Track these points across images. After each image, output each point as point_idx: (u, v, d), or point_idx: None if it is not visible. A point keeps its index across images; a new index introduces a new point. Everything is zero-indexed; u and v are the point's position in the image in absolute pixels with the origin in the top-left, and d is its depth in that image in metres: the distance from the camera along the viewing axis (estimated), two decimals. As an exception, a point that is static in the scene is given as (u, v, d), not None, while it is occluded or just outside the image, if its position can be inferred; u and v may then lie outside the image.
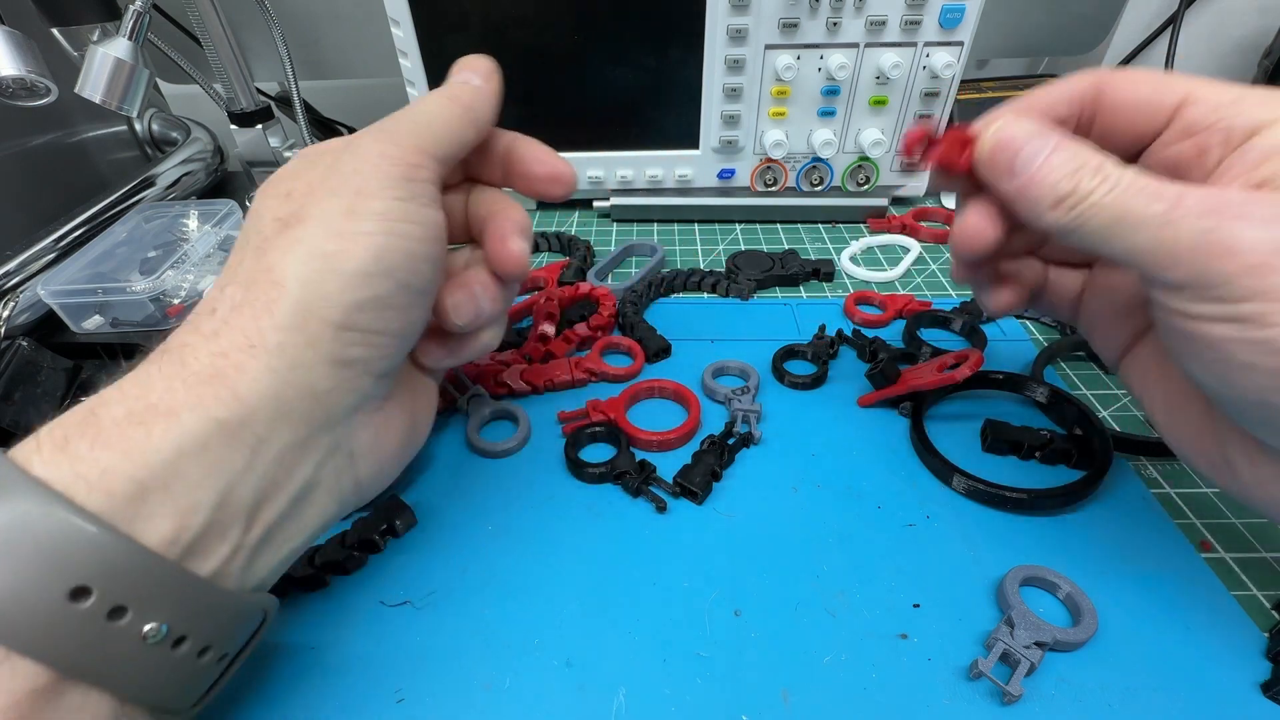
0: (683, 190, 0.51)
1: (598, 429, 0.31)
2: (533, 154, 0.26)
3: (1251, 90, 0.20)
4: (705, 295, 0.43)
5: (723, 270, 0.44)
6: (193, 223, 0.44)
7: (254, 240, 0.20)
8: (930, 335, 0.37)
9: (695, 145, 0.48)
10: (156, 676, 0.16)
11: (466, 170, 0.27)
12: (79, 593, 0.15)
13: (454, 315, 0.24)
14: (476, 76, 0.24)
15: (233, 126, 0.54)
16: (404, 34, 0.44)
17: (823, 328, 0.38)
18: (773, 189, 0.50)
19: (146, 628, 0.15)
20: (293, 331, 0.18)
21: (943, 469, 0.28)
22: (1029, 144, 0.20)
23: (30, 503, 0.15)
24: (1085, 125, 0.23)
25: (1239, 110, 0.20)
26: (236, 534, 0.17)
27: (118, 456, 0.16)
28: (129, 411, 0.16)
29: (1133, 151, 0.23)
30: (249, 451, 0.18)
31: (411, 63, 0.45)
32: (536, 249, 0.49)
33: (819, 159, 0.48)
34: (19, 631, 0.14)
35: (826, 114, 0.46)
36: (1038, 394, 0.32)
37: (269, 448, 0.18)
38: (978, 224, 0.23)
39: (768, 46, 0.43)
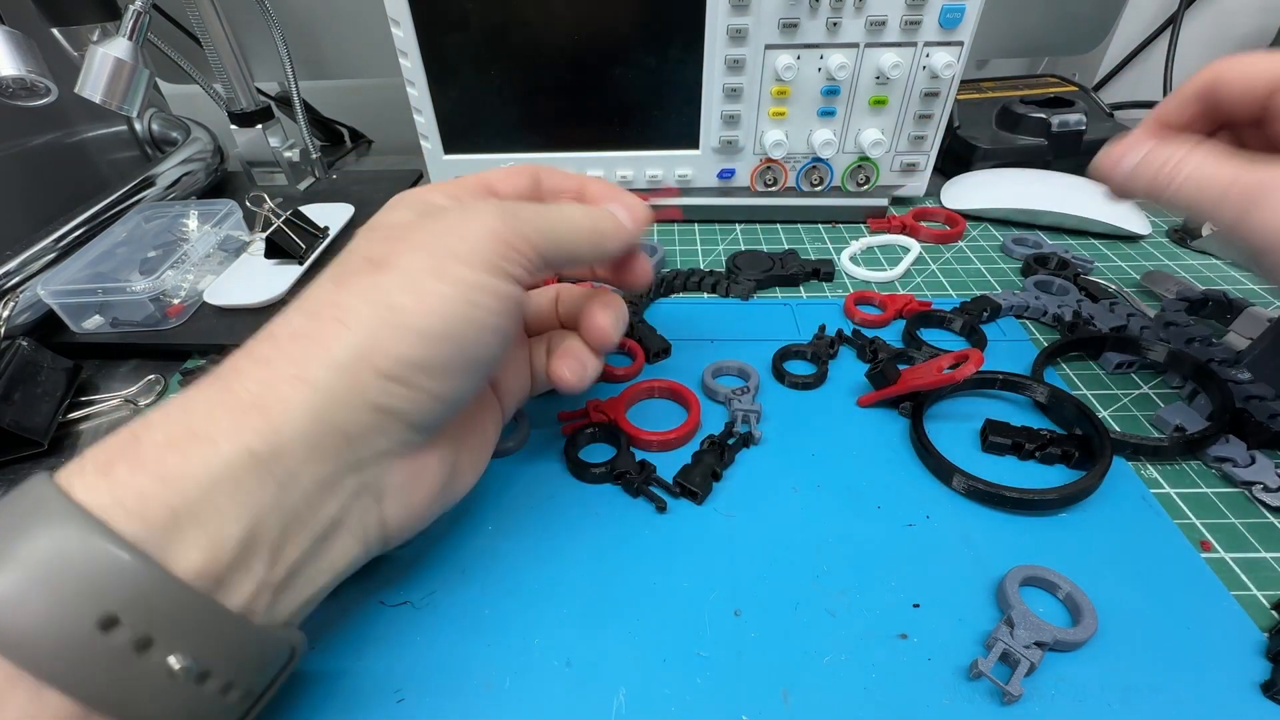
0: (683, 190, 0.51)
1: (597, 429, 0.31)
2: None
3: None
4: (705, 295, 0.43)
5: (723, 270, 0.44)
6: (193, 223, 0.44)
7: (337, 271, 0.20)
8: (930, 335, 0.37)
9: (695, 145, 0.48)
10: (181, 713, 0.16)
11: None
12: (108, 622, 0.14)
13: (561, 382, 0.26)
14: (628, 217, 0.25)
15: (233, 126, 0.54)
16: (404, 34, 0.44)
17: (823, 328, 0.38)
18: (773, 189, 0.50)
19: (173, 662, 0.15)
20: (341, 372, 0.18)
21: (942, 469, 0.28)
22: (1126, 153, 0.27)
23: (70, 528, 0.15)
24: (1213, 114, 0.27)
25: None
26: (261, 570, 0.17)
27: (155, 482, 0.16)
28: (169, 436, 0.16)
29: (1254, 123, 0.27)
30: (277, 486, 0.17)
31: (411, 63, 0.45)
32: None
33: (819, 159, 0.48)
34: (51, 663, 0.14)
35: (826, 114, 0.46)
36: (1038, 394, 0.32)
37: (296, 483, 0.18)
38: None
39: (768, 46, 0.43)
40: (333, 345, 0.18)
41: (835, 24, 0.42)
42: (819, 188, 0.50)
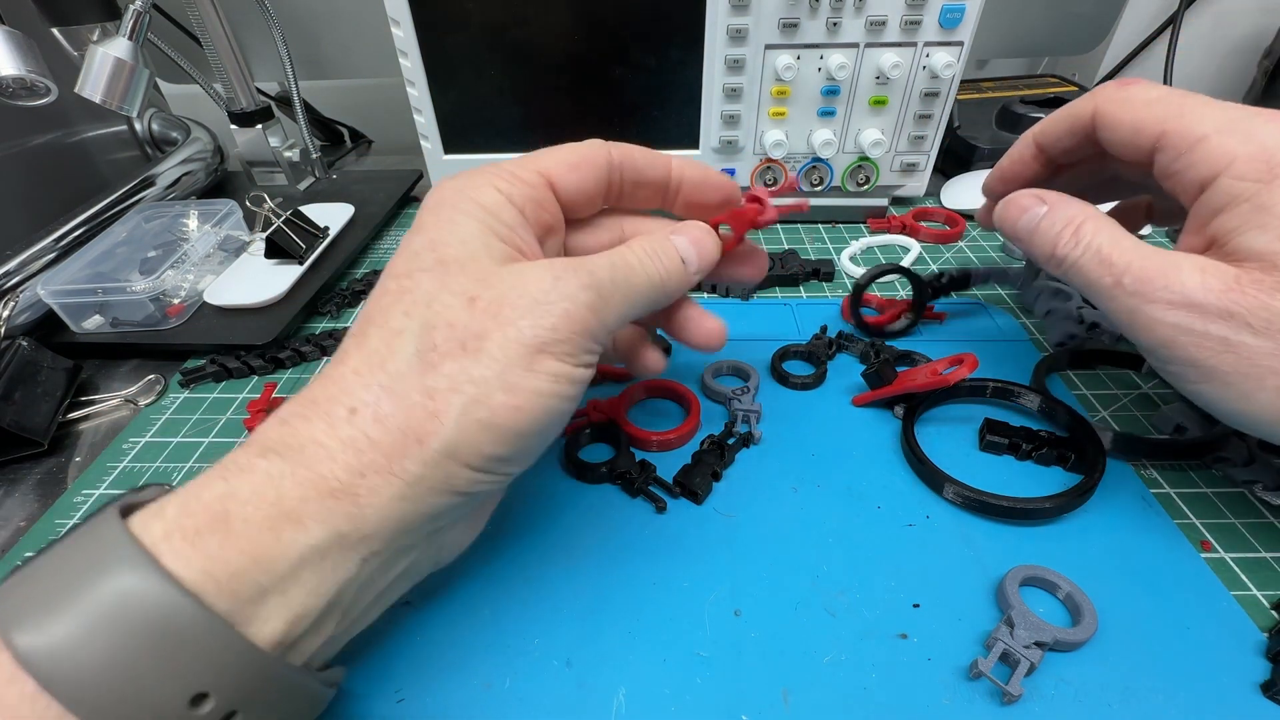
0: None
1: (597, 429, 0.31)
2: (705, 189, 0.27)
3: (1214, 131, 0.21)
4: (705, 295, 0.43)
5: (723, 270, 0.44)
6: (193, 223, 0.44)
7: (420, 339, 0.18)
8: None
9: (695, 145, 0.48)
10: None
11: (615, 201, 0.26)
12: (198, 698, 0.15)
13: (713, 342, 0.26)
14: (694, 255, 0.24)
15: (233, 126, 0.54)
16: (404, 34, 0.44)
17: (824, 328, 0.38)
18: (773, 189, 0.50)
19: None
20: (433, 467, 0.18)
21: (933, 477, 0.28)
22: (1024, 213, 0.26)
23: (163, 598, 0.15)
24: (1089, 148, 0.26)
25: (1193, 161, 0.22)
26: (330, 629, 0.18)
27: (247, 560, 0.16)
28: (261, 516, 0.16)
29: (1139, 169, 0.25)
30: (360, 561, 0.18)
31: (411, 63, 0.45)
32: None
33: (819, 159, 0.48)
34: None
35: (826, 114, 0.46)
36: (1029, 402, 0.32)
37: (378, 557, 0.18)
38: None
39: (768, 46, 0.43)
40: (427, 440, 0.18)
41: (835, 24, 0.42)
42: (819, 188, 0.50)
